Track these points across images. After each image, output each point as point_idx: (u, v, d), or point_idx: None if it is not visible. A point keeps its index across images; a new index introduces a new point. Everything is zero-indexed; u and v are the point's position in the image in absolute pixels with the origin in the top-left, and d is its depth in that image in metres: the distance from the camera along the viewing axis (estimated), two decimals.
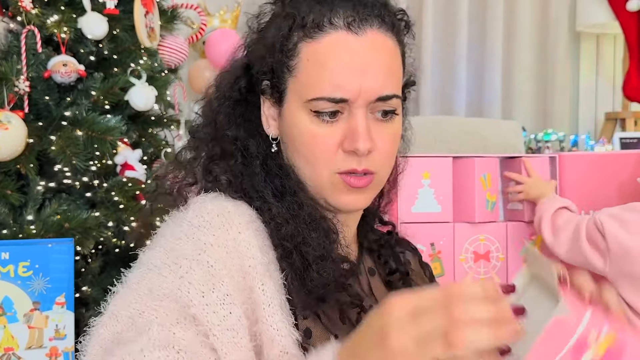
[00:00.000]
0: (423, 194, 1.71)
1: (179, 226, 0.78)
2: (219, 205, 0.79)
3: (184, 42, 2.24)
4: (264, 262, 0.76)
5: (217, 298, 0.71)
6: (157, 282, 0.72)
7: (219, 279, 0.73)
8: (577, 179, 1.79)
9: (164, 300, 0.71)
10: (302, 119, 0.83)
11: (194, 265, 0.73)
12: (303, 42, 0.82)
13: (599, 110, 3.80)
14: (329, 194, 0.84)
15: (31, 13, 1.72)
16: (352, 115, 0.81)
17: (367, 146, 0.80)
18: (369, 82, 0.81)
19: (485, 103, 3.54)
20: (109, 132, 1.75)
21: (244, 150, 0.87)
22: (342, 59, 0.80)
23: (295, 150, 0.85)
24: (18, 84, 1.68)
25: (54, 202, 1.72)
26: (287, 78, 0.84)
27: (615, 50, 3.77)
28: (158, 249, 0.77)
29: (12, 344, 1.50)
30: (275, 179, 0.85)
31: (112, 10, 1.84)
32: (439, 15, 3.50)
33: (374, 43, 0.82)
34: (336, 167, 0.82)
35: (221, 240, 0.75)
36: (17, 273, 1.51)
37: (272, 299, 0.75)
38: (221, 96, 0.90)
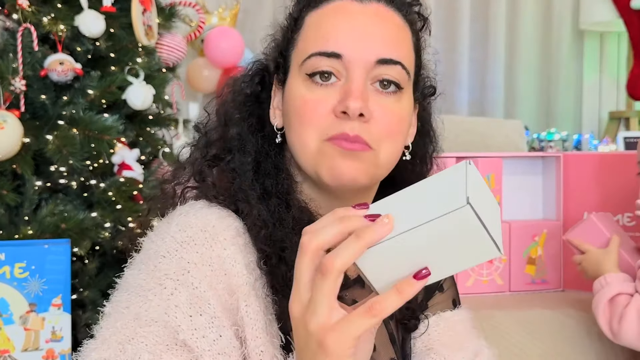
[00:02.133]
0: None
1: (162, 241, 0.75)
2: (202, 219, 0.76)
3: (182, 40, 2.23)
4: (250, 281, 0.74)
5: (205, 321, 0.69)
6: (144, 306, 0.70)
7: (205, 301, 0.70)
8: (581, 179, 1.79)
9: (153, 326, 0.69)
10: (297, 86, 0.80)
11: (179, 287, 0.71)
12: (308, 13, 0.82)
13: (602, 109, 3.80)
14: (319, 164, 0.78)
15: (27, 11, 1.72)
16: (349, 79, 0.76)
17: (358, 105, 0.74)
18: (368, 42, 0.77)
19: (488, 102, 3.55)
20: (106, 132, 1.75)
21: (241, 148, 0.85)
22: (341, 18, 0.79)
23: (288, 125, 0.81)
24: (14, 83, 1.68)
25: (50, 203, 1.71)
26: (292, 53, 0.83)
27: (619, 48, 3.78)
28: (142, 267, 0.74)
29: (8, 346, 1.50)
30: (266, 179, 0.82)
31: (109, 8, 1.83)
32: (441, 13, 3.50)
33: (378, 12, 0.80)
34: (325, 132, 0.76)
35: (205, 258, 0.73)
36: (13, 274, 1.51)
37: (256, 320, 0.72)
38: (237, 95, 0.88)
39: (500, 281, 1.78)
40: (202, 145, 0.89)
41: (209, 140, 0.89)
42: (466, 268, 0.60)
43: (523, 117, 3.50)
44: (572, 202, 1.80)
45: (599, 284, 1.42)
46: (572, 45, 3.71)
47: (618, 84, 3.80)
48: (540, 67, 3.67)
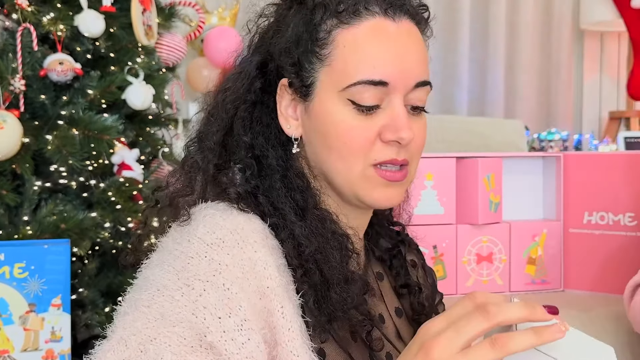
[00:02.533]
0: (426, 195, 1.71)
1: (188, 242, 0.74)
2: (231, 221, 0.75)
3: (182, 40, 2.23)
4: (282, 283, 0.73)
5: (234, 324, 0.68)
6: (169, 306, 0.69)
7: (236, 303, 0.69)
8: (582, 179, 1.79)
9: (178, 326, 0.68)
10: (338, 110, 0.80)
11: (208, 288, 0.70)
12: (338, 29, 0.80)
13: (603, 109, 3.80)
14: (362, 189, 0.81)
15: (27, 11, 1.72)
16: (391, 106, 0.79)
17: (411, 135, 0.79)
18: (409, 67, 0.80)
19: (488, 102, 3.55)
20: (105, 132, 1.75)
21: (262, 160, 0.83)
22: (382, 42, 0.79)
23: (326, 146, 0.81)
24: (14, 83, 1.68)
25: (50, 203, 1.71)
26: (318, 69, 0.81)
27: (620, 48, 3.78)
28: (167, 268, 0.73)
29: (7, 346, 1.50)
30: (296, 194, 0.82)
31: (109, 8, 1.84)
32: (441, 12, 3.50)
33: (409, 30, 0.82)
34: (372, 158, 0.79)
35: (237, 260, 0.72)
36: (13, 274, 1.51)
37: (292, 322, 0.72)
38: (236, 98, 0.86)
39: (500, 281, 1.78)
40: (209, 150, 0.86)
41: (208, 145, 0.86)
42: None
43: (523, 117, 3.50)
44: (572, 202, 1.80)
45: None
46: (573, 45, 3.71)
47: (618, 84, 3.80)
48: (540, 66, 3.67)
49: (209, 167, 0.84)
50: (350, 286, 0.78)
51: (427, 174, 1.70)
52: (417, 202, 1.70)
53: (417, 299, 0.94)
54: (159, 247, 0.78)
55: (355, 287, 0.79)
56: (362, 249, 0.92)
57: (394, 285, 0.95)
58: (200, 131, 0.89)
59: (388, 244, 0.98)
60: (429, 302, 0.97)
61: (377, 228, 0.97)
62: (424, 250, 1.72)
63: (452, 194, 1.73)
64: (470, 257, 1.77)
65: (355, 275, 0.80)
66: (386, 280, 0.94)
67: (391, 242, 0.98)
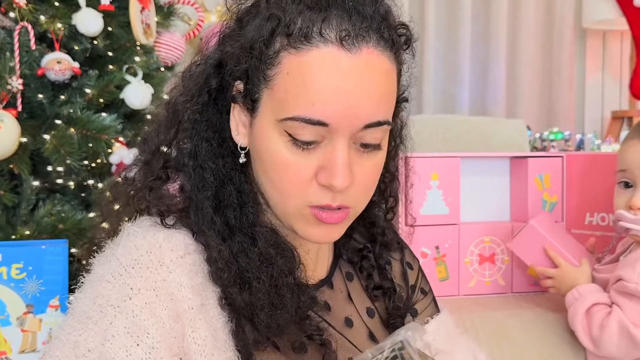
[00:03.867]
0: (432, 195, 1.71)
1: (108, 264, 0.74)
2: (149, 240, 0.74)
3: (181, 39, 2.23)
4: (197, 305, 0.72)
5: (142, 352, 0.68)
6: (83, 335, 0.70)
7: (144, 330, 0.69)
8: (584, 179, 1.79)
9: (88, 356, 0.69)
10: (275, 139, 0.74)
11: (118, 314, 0.70)
12: (286, 52, 0.73)
13: (605, 108, 3.80)
14: (298, 224, 0.78)
15: (24, 9, 1.71)
16: (331, 145, 0.73)
17: (346, 183, 0.73)
18: (358, 108, 0.72)
19: (489, 101, 3.54)
20: (104, 131, 1.74)
21: (199, 172, 0.80)
22: (328, 77, 0.71)
23: (263, 172, 0.77)
24: (11, 82, 1.68)
25: (47, 203, 1.71)
26: (263, 88, 0.75)
27: (622, 47, 3.78)
28: (88, 292, 0.74)
29: (5, 347, 1.50)
30: (228, 211, 0.79)
31: (107, 7, 1.83)
32: (442, 11, 3.50)
33: (368, 63, 0.72)
34: (308, 200, 0.75)
35: (150, 283, 0.71)
36: (10, 275, 1.51)
37: (204, 346, 0.71)
38: (189, 99, 0.82)
39: (502, 282, 1.78)
40: (144, 162, 0.84)
41: (152, 154, 0.83)
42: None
43: (525, 116, 3.50)
44: (574, 203, 1.80)
45: (572, 297, 1.42)
46: (575, 44, 3.71)
47: (621, 83, 3.80)
48: (542, 66, 3.67)
49: (144, 179, 0.82)
50: (278, 310, 0.75)
51: (433, 174, 1.70)
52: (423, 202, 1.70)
53: (392, 301, 0.92)
54: (90, 267, 0.79)
55: (285, 310, 0.76)
56: (330, 250, 0.91)
57: (366, 285, 0.93)
58: (145, 137, 0.86)
59: (359, 245, 0.95)
60: (404, 303, 0.94)
61: (347, 230, 0.93)
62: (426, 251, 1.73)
63: (456, 194, 1.73)
64: (473, 258, 1.77)
65: (288, 297, 0.77)
66: (356, 280, 0.92)
67: (363, 243, 0.96)
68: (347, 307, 0.88)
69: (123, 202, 0.84)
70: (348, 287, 0.90)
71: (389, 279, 0.94)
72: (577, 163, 1.80)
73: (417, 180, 1.58)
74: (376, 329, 0.90)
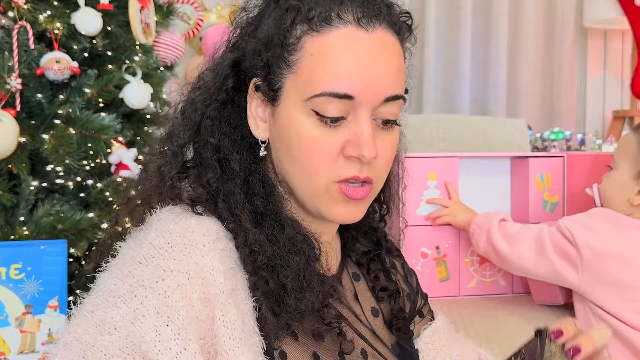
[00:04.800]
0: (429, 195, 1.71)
1: (139, 247, 0.75)
2: (182, 225, 0.76)
3: (181, 38, 2.24)
4: (227, 289, 0.73)
5: (171, 332, 0.69)
6: (110, 313, 0.70)
7: (175, 311, 0.70)
8: (585, 179, 1.79)
9: (114, 335, 0.68)
10: (301, 120, 0.79)
11: (149, 295, 0.70)
12: (307, 36, 0.78)
13: (606, 108, 3.80)
14: (324, 203, 0.81)
15: (23, 8, 1.72)
16: (356, 120, 0.78)
17: (374, 153, 0.78)
18: (378, 81, 0.78)
19: (490, 101, 3.55)
20: (103, 131, 1.75)
21: (225, 164, 0.83)
22: (350, 53, 0.77)
23: (289, 155, 0.81)
24: (10, 81, 1.68)
25: (46, 203, 1.71)
26: (286, 75, 0.80)
27: (624, 46, 3.78)
28: (116, 272, 0.74)
29: (3, 348, 1.50)
30: (256, 199, 0.82)
31: (107, 6, 1.83)
32: (442, 10, 3.50)
33: (384, 42, 0.79)
34: (336, 174, 0.79)
35: (182, 266, 0.72)
36: (9, 276, 1.51)
37: (233, 330, 0.72)
38: (207, 98, 0.86)
39: (503, 282, 1.78)
40: (172, 153, 0.86)
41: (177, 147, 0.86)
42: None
43: (526, 116, 3.51)
44: (575, 203, 1.80)
45: (476, 225, 1.63)
46: (576, 43, 3.71)
47: (622, 83, 3.80)
48: (543, 65, 3.67)
49: (170, 170, 0.84)
50: (307, 293, 0.78)
51: (430, 174, 1.70)
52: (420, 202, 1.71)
53: (397, 303, 0.95)
54: (118, 251, 0.79)
55: (312, 294, 0.78)
56: (338, 249, 0.93)
57: (372, 286, 0.95)
58: (170, 132, 0.89)
59: (365, 248, 0.97)
60: (411, 305, 0.98)
61: (353, 232, 0.96)
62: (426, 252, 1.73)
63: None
64: (473, 258, 1.77)
65: (315, 281, 0.80)
66: (362, 281, 0.94)
67: (368, 246, 0.98)
68: (355, 306, 0.90)
69: (149, 192, 0.85)
70: (355, 287, 0.92)
71: (394, 282, 0.97)
72: (579, 163, 1.81)
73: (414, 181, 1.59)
74: (379, 329, 0.91)
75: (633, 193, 1.50)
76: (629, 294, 1.45)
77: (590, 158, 1.82)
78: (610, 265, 1.45)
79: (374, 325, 0.91)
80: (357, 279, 0.94)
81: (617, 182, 1.54)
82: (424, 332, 0.99)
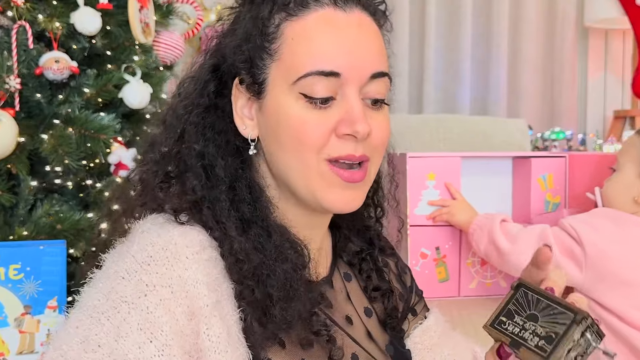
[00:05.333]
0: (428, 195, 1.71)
1: (122, 261, 0.74)
2: (164, 237, 0.74)
3: (180, 37, 2.23)
4: (212, 302, 0.72)
5: (155, 349, 0.68)
6: (94, 330, 0.69)
7: (158, 327, 0.69)
8: (587, 179, 1.79)
9: (98, 352, 0.68)
10: (290, 104, 0.78)
11: (132, 311, 0.69)
12: (286, 22, 0.79)
13: (607, 107, 3.80)
14: (320, 189, 0.79)
15: (22, 8, 1.71)
16: (345, 99, 0.78)
17: (367, 128, 0.77)
18: (362, 58, 0.78)
19: (491, 101, 3.55)
20: (102, 131, 1.74)
21: (210, 170, 0.82)
22: (331, 32, 0.77)
23: (279, 144, 0.79)
24: (9, 81, 1.68)
25: (45, 203, 1.71)
26: (269, 64, 0.80)
27: (624, 46, 3.78)
28: (100, 287, 0.73)
29: (2, 349, 1.50)
30: (242, 205, 0.80)
31: (106, 5, 1.83)
32: (443, 10, 3.50)
33: (362, 22, 0.80)
34: (326, 153, 0.78)
35: (165, 280, 0.71)
36: (8, 276, 1.51)
37: (219, 343, 0.71)
38: (189, 104, 0.84)
39: (503, 283, 1.78)
40: (154, 162, 0.85)
41: (161, 155, 0.85)
42: None
43: (526, 115, 3.50)
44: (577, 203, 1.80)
45: (477, 225, 1.63)
46: (577, 42, 3.71)
47: (623, 82, 3.80)
48: (543, 65, 3.67)
49: (153, 179, 0.83)
50: (293, 303, 0.77)
51: (429, 174, 1.70)
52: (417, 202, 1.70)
53: (390, 302, 0.94)
54: (102, 263, 0.77)
55: (299, 303, 0.77)
56: (329, 251, 0.92)
57: (364, 286, 0.94)
58: (151, 141, 0.88)
59: (357, 247, 0.97)
60: (404, 304, 0.97)
61: (345, 231, 0.96)
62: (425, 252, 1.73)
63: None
64: (475, 259, 1.77)
65: (302, 291, 0.78)
66: (354, 281, 0.94)
67: (361, 245, 0.97)
68: (347, 307, 0.89)
69: (132, 203, 0.84)
70: (347, 287, 0.92)
71: (386, 281, 0.96)
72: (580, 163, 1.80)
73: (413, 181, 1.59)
74: (373, 328, 0.91)
75: (638, 191, 1.52)
76: (631, 291, 1.45)
77: (593, 158, 1.82)
78: (613, 263, 1.46)
79: (368, 326, 0.90)
80: (349, 279, 0.93)
81: (621, 182, 1.56)
82: (413, 331, 0.98)
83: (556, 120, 3.63)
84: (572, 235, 1.49)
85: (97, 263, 0.78)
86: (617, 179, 1.57)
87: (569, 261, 1.49)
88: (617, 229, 1.50)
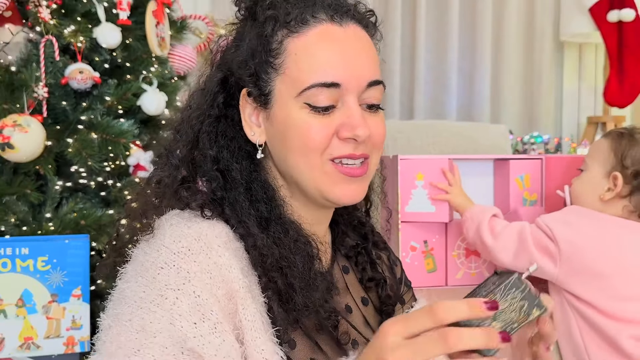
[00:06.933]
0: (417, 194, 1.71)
1: (156, 252, 0.73)
2: (194, 228, 0.74)
3: (193, 50, 2.23)
4: (246, 285, 0.72)
5: (208, 327, 0.68)
6: (148, 318, 0.68)
7: (207, 308, 0.69)
8: (562, 179, 1.79)
9: (158, 337, 0.67)
10: (296, 113, 0.78)
11: (180, 296, 0.69)
12: (288, 38, 0.79)
13: (581, 114, 3.80)
14: (326, 186, 0.80)
15: (49, 23, 1.72)
16: (345, 106, 0.78)
17: (367, 132, 0.78)
18: (360, 68, 0.79)
19: (475, 108, 3.54)
20: (122, 135, 1.75)
21: (226, 174, 0.82)
22: (331, 46, 0.78)
23: (286, 147, 0.80)
24: (37, 90, 1.68)
25: (70, 201, 1.72)
26: (274, 77, 0.80)
27: (597, 58, 3.78)
28: (140, 280, 0.71)
29: (31, 333, 1.50)
30: (260, 205, 0.80)
31: (125, 21, 1.84)
32: (431, 26, 3.50)
33: (357, 34, 0.80)
34: (329, 154, 0.78)
35: (204, 266, 0.71)
36: (36, 267, 1.51)
37: (254, 322, 0.71)
38: (201, 114, 0.84)
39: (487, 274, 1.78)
40: (173, 167, 0.84)
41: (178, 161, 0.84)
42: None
43: (507, 121, 3.51)
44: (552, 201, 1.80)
45: (469, 216, 1.61)
46: (553, 55, 3.71)
47: (595, 91, 3.80)
48: (523, 75, 3.67)
49: (173, 182, 0.82)
50: (312, 291, 0.77)
51: (418, 174, 1.70)
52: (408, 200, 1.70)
53: (384, 291, 0.94)
54: (131, 258, 0.76)
55: (317, 291, 0.78)
56: (329, 245, 0.92)
57: (360, 277, 0.95)
58: (167, 148, 0.87)
59: (353, 242, 0.97)
60: (394, 294, 0.97)
61: (342, 227, 0.96)
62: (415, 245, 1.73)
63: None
64: (460, 252, 1.77)
65: (318, 279, 0.79)
66: (352, 272, 0.94)
67: (357, 240, 0.98)
68: (346, 296, 0.90)
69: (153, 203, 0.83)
70: (345, 279, 0.92)
71: (380, 272, 0.96)
72: (556, 165, 1.80)
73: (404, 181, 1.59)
74: (370, 316, 0.91)
75: (603, 190, 1.52)
76: (604, 281, 1.45)
77: (566, 160, 1.82)
78: (586, 256, 1.45)
79: (365, 314, 0.90)
80: (347, 271, 0.93)
81: (588, 181, 1.55)
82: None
83: (534, 125, 3.63)
84: (547, 233, 1.49)
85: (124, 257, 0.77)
86: (584, 179, 1.57)
87: (544, 256, 1.49)
88: (589, 223, 1.50)
